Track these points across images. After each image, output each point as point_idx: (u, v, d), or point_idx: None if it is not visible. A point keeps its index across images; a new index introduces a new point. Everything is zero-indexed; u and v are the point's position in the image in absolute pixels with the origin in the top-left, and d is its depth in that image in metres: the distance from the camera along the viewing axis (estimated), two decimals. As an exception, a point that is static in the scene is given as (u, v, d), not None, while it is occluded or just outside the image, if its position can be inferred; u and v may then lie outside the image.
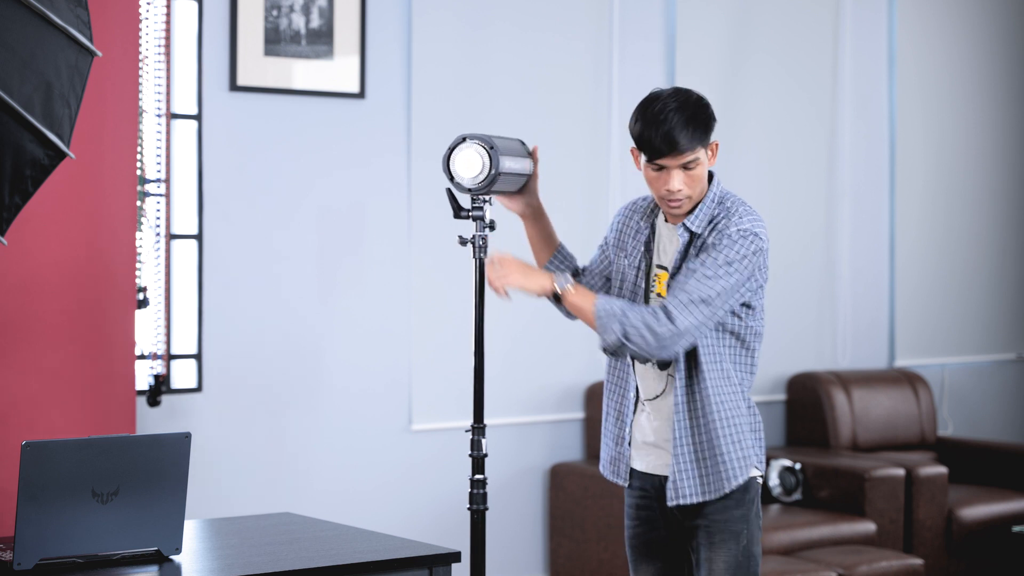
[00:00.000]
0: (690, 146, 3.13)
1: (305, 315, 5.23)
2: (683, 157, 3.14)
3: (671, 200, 3.18)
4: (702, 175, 3.19)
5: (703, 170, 3.18)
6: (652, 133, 3.13)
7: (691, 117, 3.13)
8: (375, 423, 5.38)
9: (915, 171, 6.89)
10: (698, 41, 6.12)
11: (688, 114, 3.13)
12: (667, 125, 3.12)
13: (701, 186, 3.20)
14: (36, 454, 2.87)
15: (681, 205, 3.19)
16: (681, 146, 3.12)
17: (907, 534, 5.81)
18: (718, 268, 3.13)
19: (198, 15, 4.99)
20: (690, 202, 3.20)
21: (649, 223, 3.32)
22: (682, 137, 3.12)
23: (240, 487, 5.07)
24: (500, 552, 5.53)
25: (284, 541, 3.28)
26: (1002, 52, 7.22)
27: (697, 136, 3.14)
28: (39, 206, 3.96)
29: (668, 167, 3.15)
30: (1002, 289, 7.24)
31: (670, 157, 3.14)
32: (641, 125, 3.16)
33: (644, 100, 3.20)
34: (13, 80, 3.03)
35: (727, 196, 3.25)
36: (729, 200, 3.24)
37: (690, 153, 3.13)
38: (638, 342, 3.10)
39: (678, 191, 3.16)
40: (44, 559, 2.92)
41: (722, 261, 3.14)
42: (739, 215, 3.19)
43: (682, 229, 3.21)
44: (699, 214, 3.21)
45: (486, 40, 5.60)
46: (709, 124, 3.17)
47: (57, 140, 3.14)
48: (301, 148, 5.22)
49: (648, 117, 3.15)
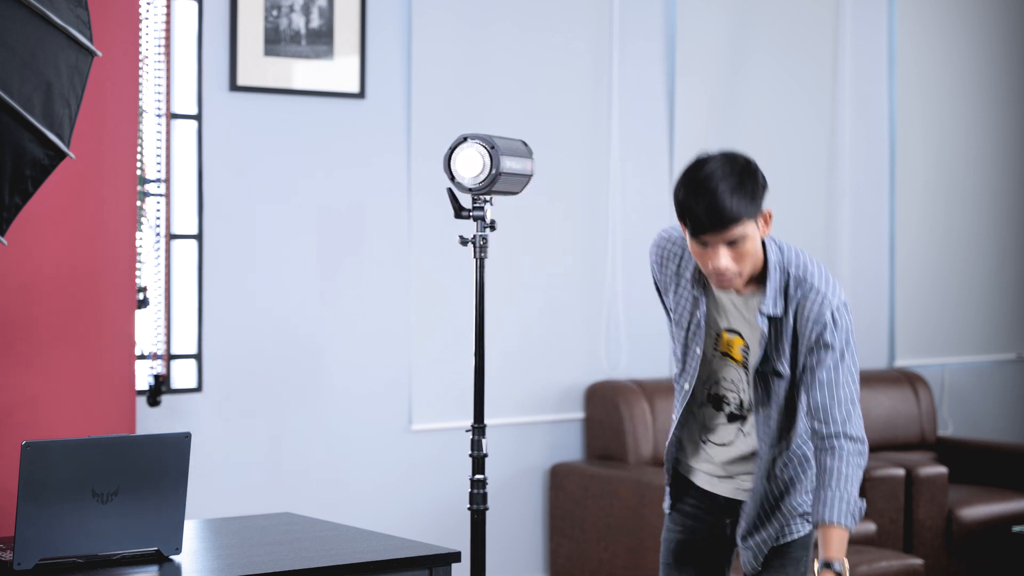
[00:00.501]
0: (735, 219, 2.88)
1: (305, 315, 5.23)
2: (728, 233, 2.89)
3: (720, 278, 2.95)
4: (752, 250, 2.94)
5: (754, 244, 2.93)
6: (695, 203, 2.88)
7: (737, 186, 2.89)
8: (375, 423, 5.38)
9: (915, 171, 6.89)
10: (698, 41, 6.12)
11: (734, 182, 2.89)
12: (710, 196, 2.87)
13: (753, 260, 2.96)
14: (36, 454, 2.87)
15: (732, 284, 2.97)
16: (725, 220, 2.87)
17: (907, 534, 5.81)
18: (844, 368, 2.99)
19: (198, 15, 4.99)
20: (742, 279, 2.97)
21: (696, 290, 3.11)
22: (726, 210, 2.86)
23: (240, 487, 5.07)
24: (500, 552, 5.53)
25: (284, 541, 3.28)
26: (1002, 52, 7.22)
27: (743, 208, 2.88)
28: (39, 206, 3.95)
29: (712, 243, 2.91)
30: (1002, 289, 7.24)
31: (713, 233, 2.89)
32: (684, 193, 2.92)
33: (690, 164, 2.96)
34: (13, 80, 3.03)
35: (789, 260, 3.02)
36: (793, 265, 3.01)
37: (736, 228, 2.89)
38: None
39: (725, 269, 2.93)
40: (44, 559, 2.92)
41: (841, 360, 2.99)
42: (816, 290, 2.99)
43: (760, 317, 3.00)
44: (770, 295, 2.99)
45: (486, 40, 5.60)
46: (757, 193, 2.92)
47: (57, 140, 3.13)
48: (301, 148, 5.22)
49: (692, 184, 2.91)
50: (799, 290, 3.00)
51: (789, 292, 3.01)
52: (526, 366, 5.74)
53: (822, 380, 3.00)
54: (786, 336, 3.02)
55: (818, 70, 6.53)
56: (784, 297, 3.01)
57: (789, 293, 3.01)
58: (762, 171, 2.97)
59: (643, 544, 5.35)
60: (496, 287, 5.23)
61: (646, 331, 6.02)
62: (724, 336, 3.12)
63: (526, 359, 5.74)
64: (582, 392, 5.90)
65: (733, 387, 3.14)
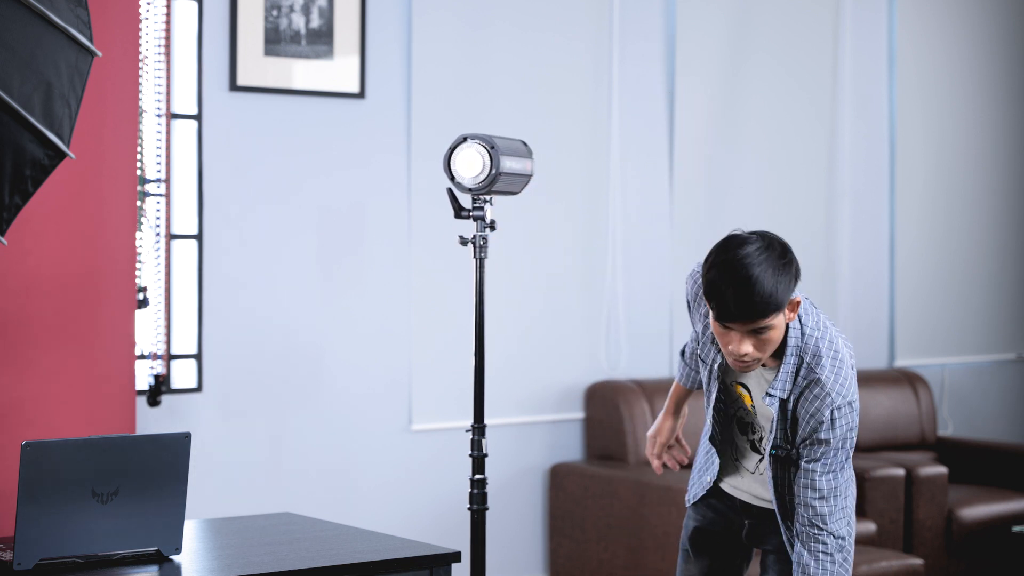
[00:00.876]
0: (764, 314, 2.82)
1: (305, 315, 5.23)
2: (754, 324, 2.84)
3: (738, 362, 2.91)
4: (776, 338, 2.88)
5: (778, 333, 2.88)
6: (724, 288, 2.81)
7: (771, 277, 2.81)
8: (375, 423, 5.38)
9: (915, 171, 6.89)
10: (698, 41, 6.12)
11: (769, 273, 2.81)
12: (742, 285, 2.79)
13: (774, 346, 2.90)
14: (36, 454, 2.87)
15: (749, 368, 2.93)
16: (755, 314, 2.81)
17: (907, 534, 5.81)
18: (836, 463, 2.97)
19: (198, 15, 4.99)
20: (759, 363, 2.93)
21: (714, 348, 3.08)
22: (757, 303, 2.80)
23: (240, 487, 5.07)
24: (500, 552, 5.53)
25: (284, 541, 3.28)
26: (1002, 52, 7.22)
27: (774, 302, 2.81)
28: (39, 206, 3.95)
29: (736, 330, 2.86)
30: (1002, 289, 7.24)
31: (740, 323, 2.83)
32: (715, 273, 2.83)
33: (724, 242, 2.88)
34: (13, 80, 3.03)
35: (806, 347, 2.96)
36: (809, 354, 2.95)
37: (764, 321, 2.84)
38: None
39: (744, 355, 2.88)
40: (44, 559, 2.92)
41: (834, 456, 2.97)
42: (822, 385, 2.93)
43: (768, 400, 2.97)
44: (781, 378, 2.95)
45: (486, 40, 5.60)
46: (790, 286, 2.85)
47: (57, 140, 3.13)
48: (301, 148, 5.22)
49: (724, 267, 2.82)
50: (806, 379, 2.96)
51: (798, 379, 2.96)
52: (526, 366, 5.74)
53: (810, 471, 2.98)
54: (788, 422, 3.01)
55: (818, 70, 6.53)
56: (793, 383, 2.96)
57: (797, 381, 2.96)
58: (797, 260, 2.90)
59: (643, 544, 5.35)
60: (496, 287, 5.23)
61: (646, 331, 6.02)
62: (736, 387, 3.12)
63: (526, 359, 5.74)
64: (582, 392, 5.89)
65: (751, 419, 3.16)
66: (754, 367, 2.94)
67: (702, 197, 6.15)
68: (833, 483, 2.99)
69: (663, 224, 6.07)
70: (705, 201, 6.15)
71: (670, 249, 6.06)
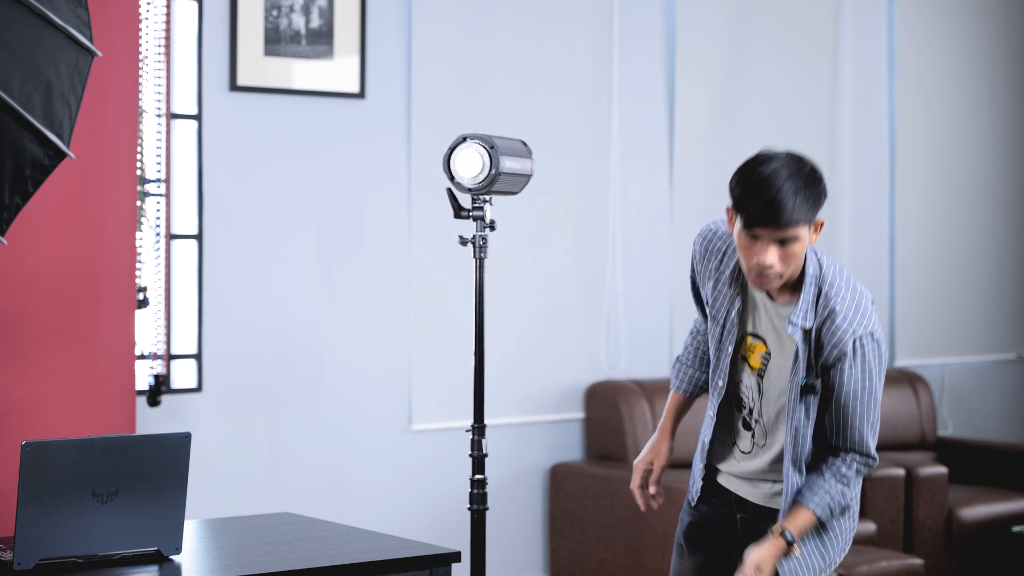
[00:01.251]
0: (793, 221, 2.87)
1: (305, 315, 5.23)
2: (782, 231, 2.88)
3: (760, 275, 2.93)
4: (799, 254, 2.93)
5: (802, 248, 2.92)
6: (756, 195, 2.87)
7: (802, 189, 2.87)
8: (375, 423, 5.38)
9: (915, 171, 6.89)
10: (698, 41, 6.12)
11: (799, 185, 2.87)
12: (772, 192, 2.85)
13: (796, 265, 2.95)
14: (36, 454, 2.87)
15: (770, 283, 2.96)
16: (784, 219, 2.86)
17: (907, 534, 5.81)
18: (864, 392, 3.01)
19: (198, 15, 4.99)
20: (780, 281, 2.96)
21: (733, 288, 3.10)
22: (787, 210, 2.85)
23: (240, 487, 5.07)
24: (500, 552, 5.53)
25: (284, 541, 3.28)
26: (1002, 52, 7.22)
27: (803, 211, 2.87)
28: (39, 206, 3.95)
29: (763, 238, 2.90)
30: (1002, 289, 7.24)
31: (768, 228, 2.88)
32: (746, 183, 2.90)
33: (752, 158, 2.94)
34: (13, 80, 3.03)
35: (823, 274, 3.01)
36: (827, 283, 3.00)
37: (792, 229, 2.88)
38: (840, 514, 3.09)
39: (769, 267, 2.91)
40: (44, 559, 2.92)
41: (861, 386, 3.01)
42: (843, 315, 2.97)
43: (791, 328, 2.99)
44: (802, 306, 2.98)
45: (486, 40, 5.60)
46: (819, 201, 2.91)
47: (57, 140, 3.13)
48: (301, 148, 5.22)
49: (755, 177, 2.89)
50: (828, 308, 2.99)
51: (819, 309, 2.99)
52: (526, 366, 5.74)
53: (839, 400, 3.01)
54: (813, 351, 3.02)
55: (818, 70, 6.53)
56: (814, 313, 2.99)
57: (819, 310, 2.99)
58: (825, 182, 2.95)
59: (643, 544, 5.35)
60: (496, 287, 5.23)
61: (646, 331, 6.02)
62: (747, 340, 3.11)
63: (526, 359, 5.74)
64: (582, 392, 5.89)
65: (748, 392, 3.14)
66: (775, 284, 2.95)
67: (702, 197, 6.15)
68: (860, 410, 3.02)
69: (663, 224, 6.07)
70: (705, 201, 6.15)
71: (670, 249, 6.06)
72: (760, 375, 3.11)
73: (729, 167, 6.66)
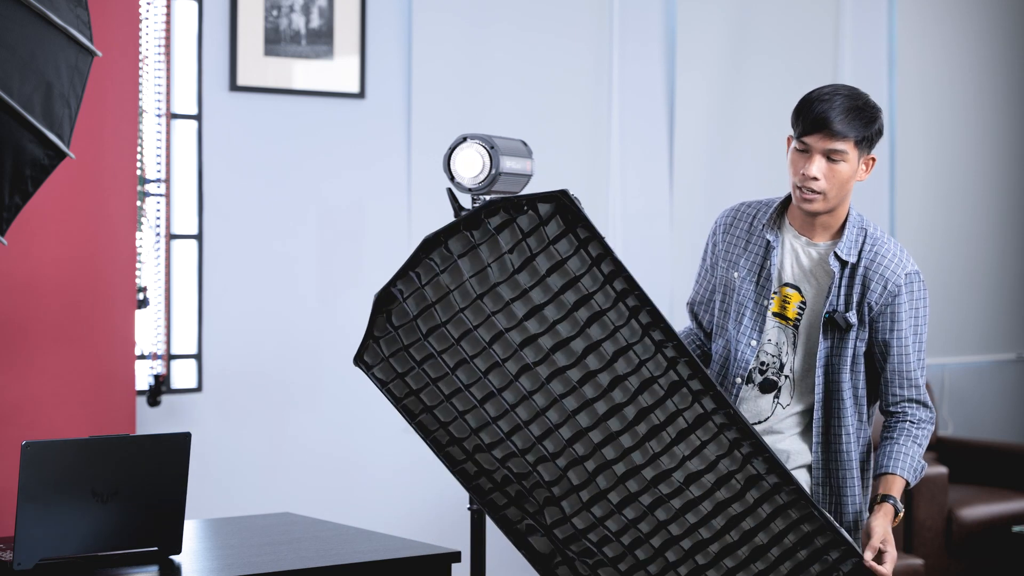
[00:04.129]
0: (842, 132, 3.02)
1: (305, 315, 5.23)
2: (831, 141, 3.03)
3: (804, 188, 3.07)
4: (845, 176, 3.07)
5: (847, 170, 3.07)
6: (812, 106, 3.04)
7: (855, 108, 3.04)
8: (375, 423, 5.38)
9: (915, 171, 6.89)
10: (698, 41, 6.13)
11: (853, 104, 3.05)
12: (827, 104, 3.03)
13: (840, 190, 3.09)
14: (36, 454, 2.87)
15: (813, 200, 3.08)
16: (833, 127, 3.02)
17: (907, 534, 5.81)
18: (917, 334, 3.11)
19: (198, 15, 5.00)
20: (823, 202, 3.08)
21: (770, 234, 3.19)
22: (837, 119, 3.02)
23: (240, 487, 5.07)
24: (500, 552, 5.52)
25: (284, 541, 3.28)
26: (1002, 52, 7.22)
27: (853, 125, 3.04)
28: (39, 206, 3.96)
29: (812, 149, 3.05)
30: (1002, 289, 7.25)
31: (818, 135, 3.03)
32: (802, 102, 3.08)
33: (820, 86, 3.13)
34: (13, 80, 3.03)
35: (865, 220, 3.17)
36: (870, 226, 3.15)
37: (840, 141, 3.03)
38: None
39: (813, 179, 3.05)
40: (44, 559, 2.93)
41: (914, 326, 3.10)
42: (893, 253, 3.11)
43: (833, 259, 3.10)
44: (847, 242, 3.11)
45: (486, 40, 5.60)
46: (871, 123, 3.06)
47: (57, 140, 3.14)
48: (301, 148, 5.22)
49: (814, 94, 3.07)
50: (873, 249, 3.10)
51: (863, 249, 3.10)
52: (526, 366, 5.73)
53: (899, 341, 3.09)
54: (855, 290, 3.09)
55: (818, 70, 6.53)
56: (858, 253, 3.10)
57: (863, 250, 3.10)
58: (882, 121, 3.09)
59: (643, 544, 5.35)
60: (496, 287, 5.22)
61: (646, 331, 6.02)
62: (783, 291, 3.16)
63: (526, 359, 5.73)
64: (582, 392, 5.89)
65: (776, 350, 3.16)
66: (817, 203, 3.06)
67: (702, 197, 6.15)
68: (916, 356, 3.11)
69: (663, 224, 6.07)
70: (705, 201, 6.15)
71: (670, 249, 6.06)
72: (795, 326, 3.14)
73: (729, 167, 6.69)
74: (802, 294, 3.14)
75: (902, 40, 6.81)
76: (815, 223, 3.15)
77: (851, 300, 3.09)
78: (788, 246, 3.17)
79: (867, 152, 3.08)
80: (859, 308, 3.09)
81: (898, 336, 3.09)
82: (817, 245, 3.15)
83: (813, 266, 3.14)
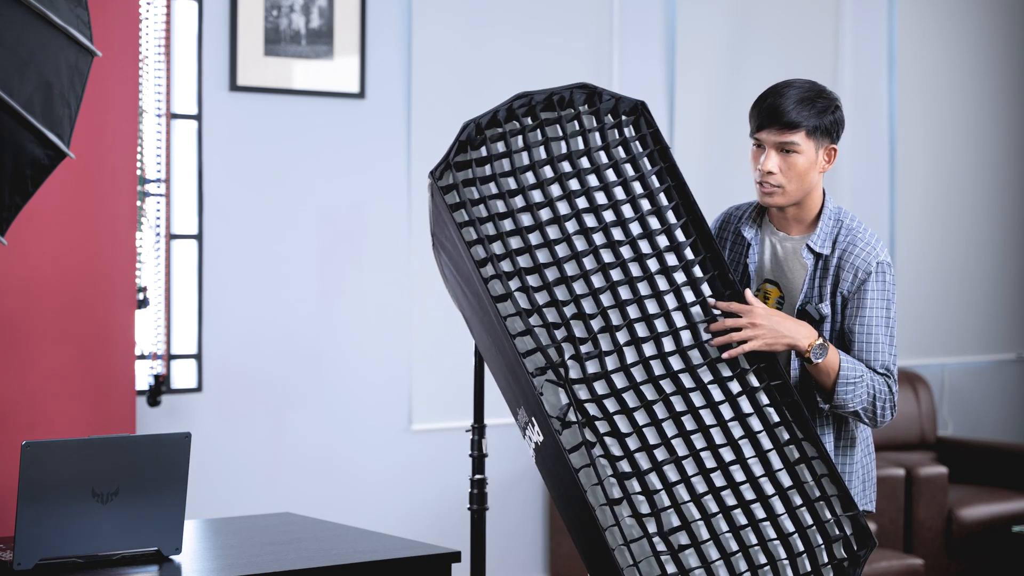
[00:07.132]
0: (793, 123, 3.01)
1: (305, 315, 5.23)
2: (781, 135, 3.02)
3: (764, 183, 3.07)
4: (801, 168, 3.05)
5: (804, 162, 3.04)
6: (762, 101, 3.05)
7: (806, 99, 3.03)
8: (375, 423, 5.38)
9: (915, 171, 6.89)
10: (698, 41, 6.13)
11: (804, 95, 3.04)
12: (778, 97, 3.03)
13: (799, 182, 3.07)
14: (36, 454, 2.87)
15: (772, 194, 3.07)
16: (783, 119, 3.01)
17: (907, 534, 5.81)
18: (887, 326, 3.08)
19: (198, 15, 5.00)
20: (783, 195, 3.07)
21: (748, 232, 3.21)
22: (787, 110, 3.01)
23: (240, 487, 5.07)
24: (500, 552, 5.53)
25: (284, 541, 3.28)
26: (1002, 52, 7.22)
27: (803, 115, 3.02)
28: (39, 206, 3.96)
29: (766, 143, 3.04)
30: (1002, 289, 7.25)
31: (769, 130, 3.03)
32: (757, 98, 3.08)
33: None
34: (13, 80, 3.03)
35: (842, 212, 3.14)
36: (847, 217, 3.13)
37: (790, 133, 3.02)
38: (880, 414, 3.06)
39: (769, 174, 3.04)
40: (44, 559, 2.93)
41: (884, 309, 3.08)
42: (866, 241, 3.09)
43: (807, 251, 3.10)
44: (820, 234, 3.09)
45: (486, 40, 5.60)
46: (824, 113, 3.04)
47: (57, 140, 3.14)
48: (301, 148, 5.22)
49: (767, 90, 3.08)
50: (847, 239, 3.09)
51: (838, 240, 3.09)
52: (526, 366, 5.73)
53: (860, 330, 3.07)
54: (828, 281, 3.09)
55: (818, 70, 6.53)
56: (832, 244, 3.09)
57: (837, 240, 3.09)
58: (842, 113, 3.08)
59: (643, 544, 5.34)
60: (496, 287, 5.22)
61: (646, 331, 6.02)
62: (764, 287, 3.18)
63: (526, 359, 5.73)
64: (582, 392, 5.89)
65: None
66: (777, 197, 3.06)
67: (702, 197, 6.10)
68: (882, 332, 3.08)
69: (663, 224, 6.06)
70: (705, 201, 6.10)
71: (670, 249, 6.06)
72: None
73: (729, 166, 6.69)
74: (780, 289, 3.17)
75: (902, 40, 6.81)
76: (788, 217, 3.16)
77: (824, 291, 3.11)
78: (767, 242, 3.19)
79: (827, 142, 3.06)
80: (832, 298, 3.11)
81: (861, 323, 3.08)
82: (792, 239, 3.16)
83: (789, 259, 3.16)
